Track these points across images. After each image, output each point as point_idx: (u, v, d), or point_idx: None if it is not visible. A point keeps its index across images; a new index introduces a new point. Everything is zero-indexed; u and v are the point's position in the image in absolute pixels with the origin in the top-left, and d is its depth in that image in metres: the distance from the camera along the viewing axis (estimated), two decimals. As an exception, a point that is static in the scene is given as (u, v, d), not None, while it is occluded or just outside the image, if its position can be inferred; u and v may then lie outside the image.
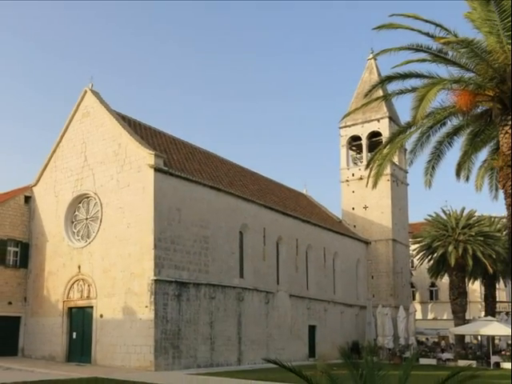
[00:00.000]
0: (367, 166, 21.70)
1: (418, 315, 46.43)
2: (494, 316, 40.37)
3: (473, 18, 15.59)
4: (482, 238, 38.33)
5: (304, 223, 37.24)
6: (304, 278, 36.45)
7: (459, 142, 19.54)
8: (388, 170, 42.53)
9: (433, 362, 35.22)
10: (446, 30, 15.98)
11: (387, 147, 19.71)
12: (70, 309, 29.55)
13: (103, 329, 27.18)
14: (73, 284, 29.34)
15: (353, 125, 44.72)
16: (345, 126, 45.05)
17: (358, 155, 45.55)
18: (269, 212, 34.11)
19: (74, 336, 29.09)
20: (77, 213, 30.62)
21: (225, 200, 30.74)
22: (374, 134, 44.09)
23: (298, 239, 36.14)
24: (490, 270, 38.68)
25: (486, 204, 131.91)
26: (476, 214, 41.53)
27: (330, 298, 38.52)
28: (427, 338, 43.17)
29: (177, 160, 29.85)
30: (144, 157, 27.03)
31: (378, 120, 43.57)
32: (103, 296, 27.60)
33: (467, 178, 20.34)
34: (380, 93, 44.60)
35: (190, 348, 27.09)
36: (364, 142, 44.31)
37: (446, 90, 16.31)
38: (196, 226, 28.49)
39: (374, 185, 20.31)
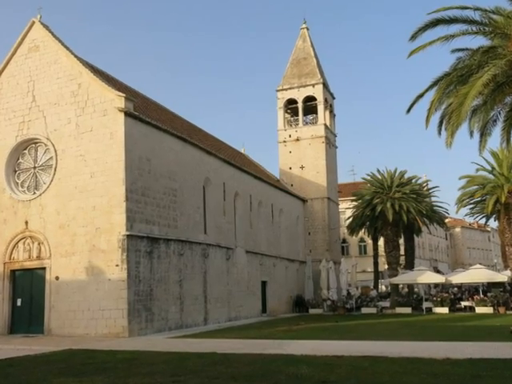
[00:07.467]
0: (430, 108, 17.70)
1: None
2: (413, 266, 38.84)
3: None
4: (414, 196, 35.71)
5: (256, 180, 31.90)
6: (256, 234, 31.27)
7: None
8: (323, 133, 38.82)
9: (373, 310, 32.15)
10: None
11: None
12: (13, 271, 22.10)
13: (59, 293, 20.48)
14: (17, 243, 22.00)
15: (289, 88, 40.06)
16: (282, 90, 40.31)
17: (293, 118, 40.87)
18: (228, 167, 28.61)
19: (19, 303, 21.72)
20: (21, 160, 23.03)
21: (190, 152, 24.92)
22: (309, 99, 39.71)
23: (251, 195, 30.83)
24: (421, 225, 36.75)
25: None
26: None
27: (278, 254, 33.75)
28: (357, 288, 40.15)
29: (138, 107, 23.17)
30: (112, 99, 20.65)
31: (313, 85, 39.27)
32: (59, 255, 20.80)
33: None
34: (314, 61, 41.71)
35: (162, 310, 21.33)
36: (300, 106, 39.73)
37: None
38: (165, 178, 22.50)
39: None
